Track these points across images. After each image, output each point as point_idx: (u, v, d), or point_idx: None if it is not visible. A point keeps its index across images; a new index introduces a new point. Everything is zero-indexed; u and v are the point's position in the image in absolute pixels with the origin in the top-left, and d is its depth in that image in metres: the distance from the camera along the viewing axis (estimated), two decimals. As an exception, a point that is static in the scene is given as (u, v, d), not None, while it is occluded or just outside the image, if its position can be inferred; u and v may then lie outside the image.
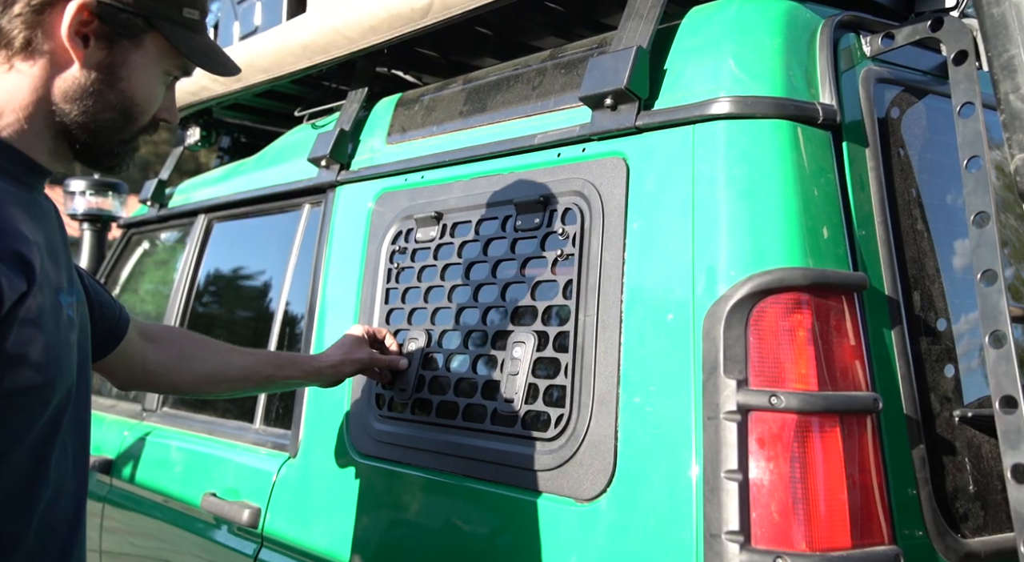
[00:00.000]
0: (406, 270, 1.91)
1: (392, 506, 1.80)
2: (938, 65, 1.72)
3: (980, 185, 1.39)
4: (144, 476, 2.61)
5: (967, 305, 1.58)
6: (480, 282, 1.74)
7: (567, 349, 1.54)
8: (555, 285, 1.60)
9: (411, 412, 1.80)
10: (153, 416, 2.77)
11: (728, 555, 1.25)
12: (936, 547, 1.37)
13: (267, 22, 2.77)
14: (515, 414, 1.58)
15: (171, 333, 1.80)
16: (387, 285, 1.94)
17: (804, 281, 1.32)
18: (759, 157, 1.42)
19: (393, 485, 1.81)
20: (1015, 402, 1.28)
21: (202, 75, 2.70)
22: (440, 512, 1.71)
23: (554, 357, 1.56)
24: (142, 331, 1.65)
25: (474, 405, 1.67)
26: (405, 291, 1.90)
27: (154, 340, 1.67)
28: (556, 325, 1.57)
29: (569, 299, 1.56)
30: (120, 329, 1.56)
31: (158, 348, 1.66)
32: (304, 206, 2.41)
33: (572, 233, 1.59)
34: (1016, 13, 1.36)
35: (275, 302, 2.46)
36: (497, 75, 1.97)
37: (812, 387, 1.30)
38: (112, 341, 1.55)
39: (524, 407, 1.58)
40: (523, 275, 1.66)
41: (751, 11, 1.54)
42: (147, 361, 1.64)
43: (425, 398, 1.78)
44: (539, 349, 1.59)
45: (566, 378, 1.52)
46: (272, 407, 2.32)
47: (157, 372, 1.66)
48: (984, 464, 1.49)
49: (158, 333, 1.71)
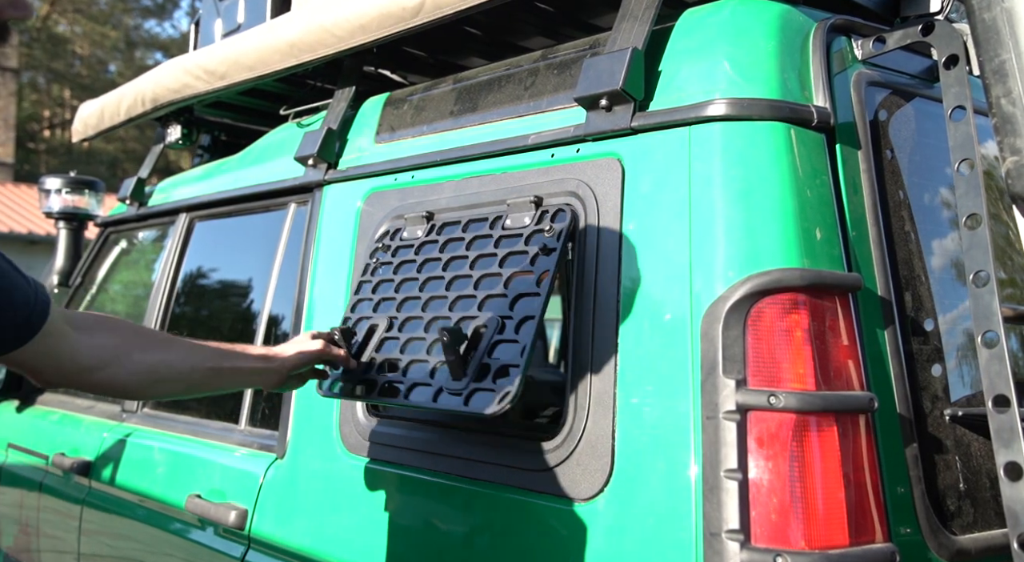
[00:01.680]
0: (384, 266, 1.87)
1: (385, 507, 1.80)
2: (925, 69, 1.74)
3: (972, 188, 1.41)
4: (125, 478, 2.58)
5: (954, 305, 1.60)
6: (457, 275, 1.69)
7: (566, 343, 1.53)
8: (529, 280, 1.57)
9: (357, 392, 1.74)
10: (133, 417, 2.74)
11: (728, 554, 1.26)
12: (929, 544, 1.39)
13: (251, 20, 2.76)
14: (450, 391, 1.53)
15: (105, 322, 1.55)
16: (360, 278, 1.90)
17: (801, 282, 1.34)
18: (755, 159, 1.43)
19: (385, 486, 1.80)
20: (1007, 401, 1.30)
21: (184, 73, 2.68)
22: (434, 513, 1.71)
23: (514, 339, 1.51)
24: (70, 320, 1.44)
25: (418, 384, 1.62)
26: (377, 284, 1.85)
27: (85, 329, 1.46)
28: (519, 318, 1.53)
29: (539, 292, 1.53)
30: (37, 316, 1.33)
31: (90, 338, 1.45)
32: (290, 205, 2.39)
33: (560, 231, 1.57)
34: (1007, 19, 1.38)
35: (260, 303, 2.45)
36: (488, 75, 1.97)
37: (810, 387, 1.31)
38: (26, 331, 1.32)
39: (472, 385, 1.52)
40: (502, 272, 1.62)
41: (745, 14, 1.56)
42: (77, 353, 1.42)
43: (371, 379, 1.72)
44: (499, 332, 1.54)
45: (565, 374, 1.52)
46: (258, 408, 2.30)
47: (90, 366, 1.45)
48: (973, 462, 1.51)
49: (89, 322, 1.49)
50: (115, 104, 3.06)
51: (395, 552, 1.75)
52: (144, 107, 2.90)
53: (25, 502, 3.09)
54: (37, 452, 3.06)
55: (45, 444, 3.04)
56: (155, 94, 2.83)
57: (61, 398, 3.25)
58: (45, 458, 2.98)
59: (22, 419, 3.33)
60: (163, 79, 2.77)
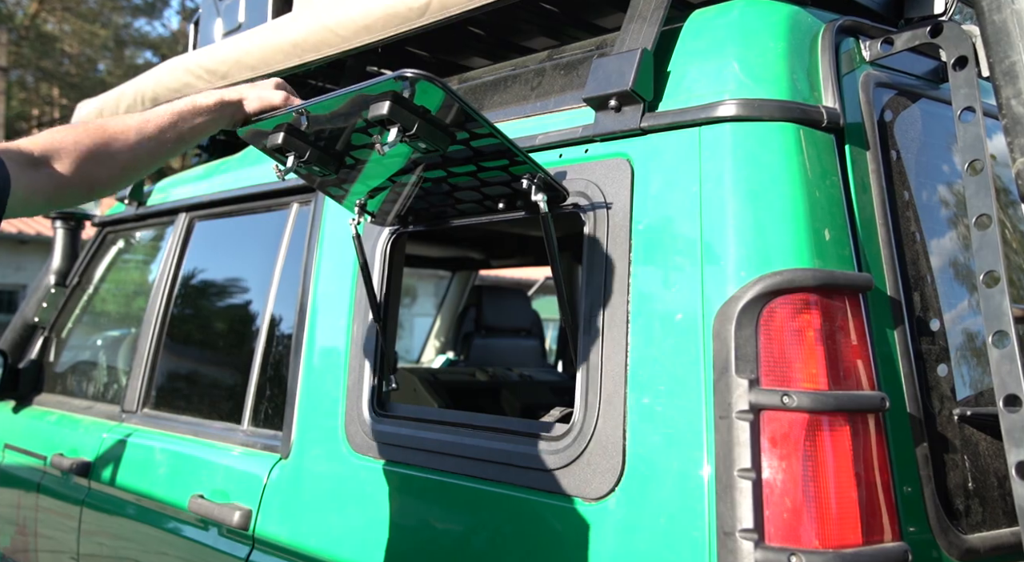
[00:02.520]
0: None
1: (392, 507, 1.80)
2: (929, 70, 1.75)
3: (982, 188, 1.42)
4: (125, 479, 2.57)
5: (959, 305, 1.61)
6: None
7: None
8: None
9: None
10: (133, 417, 2.73)
11: (743, 553, 1.26)
12: (939, 543, 1.39)
13: (252, 19, 2.75)
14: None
15: (62, 146, 1.50)
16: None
17: (814, 282, 1.34)
18: (767, 159, 1.44)
19: (393, 486, 1.80)
20: (1019, 401, 1.31)
21: (185, 72, 2.67)
22: (442, 513, 1.71)
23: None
24: (28, 161, 1.44)
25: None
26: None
27: (45, 164, 1.46)
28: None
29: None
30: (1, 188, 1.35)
31: (53, 172, 1.46)
32: (292, 205, 2.39)
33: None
34: (1017, 20, 1.39)
35: (261, 304, 2.44)
36: (493, 75, 1.97)
37: (822, 387, 1.31)
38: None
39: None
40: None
41: (754, 15, 1.56)
42: (50, 194, 1.46)
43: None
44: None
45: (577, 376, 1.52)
46: (260, 409, 2.30)
47: (66, 195, 1.49)
48: (981, 461, 1.52)
49: (47, 151, 1.47)
50: (114, 103, 3.04)
51: (403, 552, 1.75)
52: (143, 106, 2.89)
53: (23, 503, 3.08)
54: (35, 453, 3.04)
55: (43, 445, 3.02)
56: (155, 93, 2.81)
57: (59, 399, 3.23)
58: (43, 459, 2.96)
59: (19, 420, 3.31)
60: (164, 78, 2.76)
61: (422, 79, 1.35)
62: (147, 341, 2.77)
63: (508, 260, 4.02)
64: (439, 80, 1.37)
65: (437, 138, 1.47)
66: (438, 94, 1.39)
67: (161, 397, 2.73)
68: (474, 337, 3.77)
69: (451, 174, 1.65)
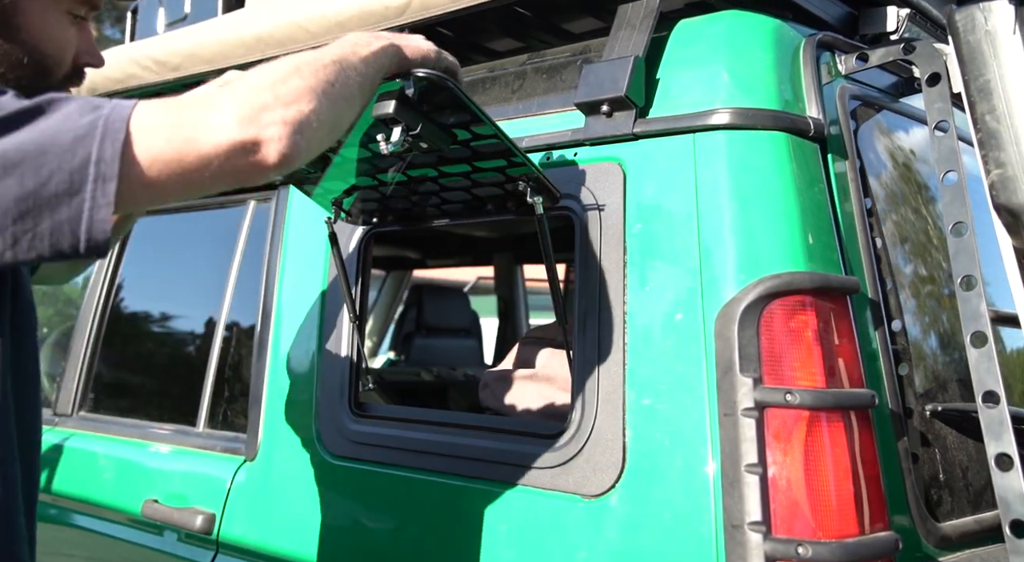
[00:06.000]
0: None
1: (375, 508, 1.78)
2: (891, 84, 1.86)
3: (957, 197, 1.51)
4: (66, 486, 2.47)
5: (929, 306, 1.71)
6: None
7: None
8: None
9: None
10: (68, 421, 2.62)
11: (752, 545, 1.31)
12: (920, 532, 1.48)
13: (198, 11, 2.67)
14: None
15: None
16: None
17: (811, 284, 1.41)
18: (760, 167, 1.49)
19: (376, 487, 1.79)
20: (996, 396, 1.40)
21: (130, 62, 2.58)
22: (428, 513, 1.71)
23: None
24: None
25: None
26: None
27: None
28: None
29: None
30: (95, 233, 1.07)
31: None
32: (249, 203, 2.34)
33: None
34: (991, 41, 1.48)
35: (216, 305, 2.37)
36: (470, 77, 1.97)
37: (820, 385, 1.38)
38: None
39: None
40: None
41: (742, 26, 1.62)
42: None
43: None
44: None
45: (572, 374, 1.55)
46: (218, 411, 2.24)
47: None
48: (950, 454, 1.62)
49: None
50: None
51: (389, 554, 1.74)
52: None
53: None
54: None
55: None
56: (93, 83, 2.70)
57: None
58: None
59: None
60: (105, 69, 2.65)
61: (431, 78, 1.36)
62: (83, 341, 2.66)
63: (445, 260, 4.02)
64: (449, 80, 1.37)
65: (440, 138, 1.48)
66: (446, 95, 1.40)
67: (99, 400, 2.63)
68: (415, 337, 3.76)
69: (442, 173, 1.65)
